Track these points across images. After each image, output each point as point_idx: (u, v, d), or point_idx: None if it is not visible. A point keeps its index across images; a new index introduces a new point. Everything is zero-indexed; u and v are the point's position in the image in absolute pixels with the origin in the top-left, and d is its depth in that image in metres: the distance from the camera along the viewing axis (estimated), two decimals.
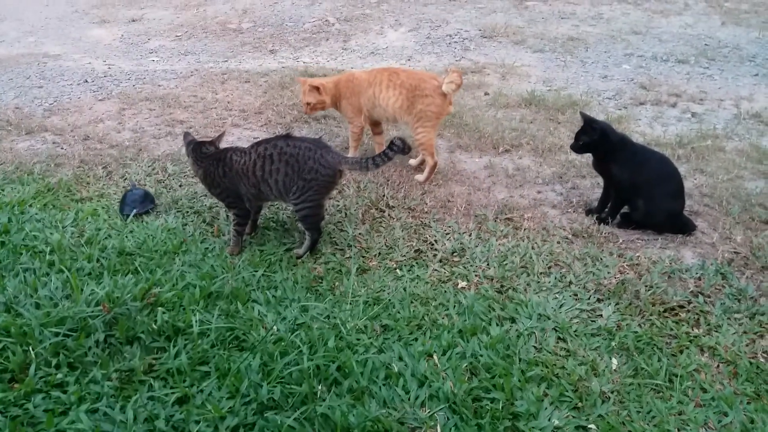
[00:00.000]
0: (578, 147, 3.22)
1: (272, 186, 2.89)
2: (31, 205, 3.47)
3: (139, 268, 2.89)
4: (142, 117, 4.80)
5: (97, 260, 2.97)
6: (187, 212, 3.42)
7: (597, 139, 3.11)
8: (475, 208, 3.40)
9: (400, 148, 2.85)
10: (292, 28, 7.74)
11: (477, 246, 3.04)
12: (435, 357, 2.34)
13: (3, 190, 3.63)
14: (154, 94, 5.29)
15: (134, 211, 3.38)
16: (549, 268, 2.89)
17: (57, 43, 7.49)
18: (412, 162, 3.88)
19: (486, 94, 5.15)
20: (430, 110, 3.56)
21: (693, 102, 4.98)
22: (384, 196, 3.49)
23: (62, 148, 4.26)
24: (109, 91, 5.41)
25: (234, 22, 8.12)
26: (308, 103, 3.78)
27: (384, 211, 3.36)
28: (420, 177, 3.68)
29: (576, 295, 2.70)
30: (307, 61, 6.55)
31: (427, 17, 7.64)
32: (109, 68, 6.25)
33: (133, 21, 8.52)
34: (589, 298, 2.67)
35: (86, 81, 5.71)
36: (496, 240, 3.08)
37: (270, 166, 2.87)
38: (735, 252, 2.99)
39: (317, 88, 3.72)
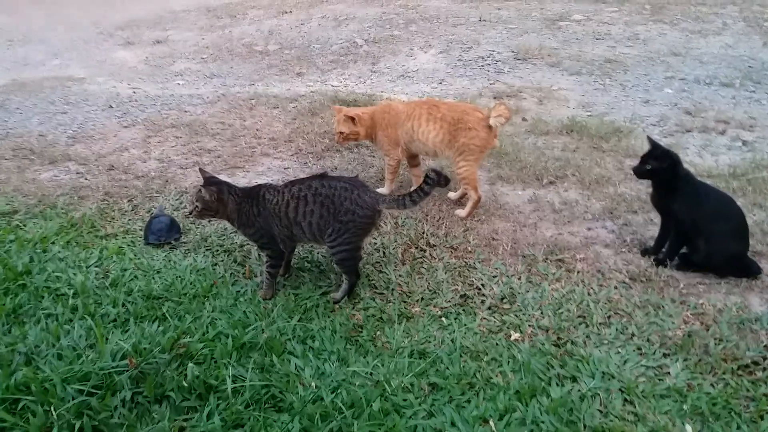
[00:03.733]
0: (643, 171, 2.98)
1: (305, 229, 2.71)
2: (53, 242, 3.33)
3: (167, 314, 2.72)
4: (169, 145, 4.67)
5: (123, 305, 2.80)
6: (217, 251, 3.25)
7: (666, 168, 2.88)
8: (522, 247, 3.18)
9: (436, 180, 2.65)
10: (319, 50, 7.63)
11: (528, 291, 2.82)
12: (491, 423, 2.12)
13: (25, 226, 3.50)
14: (181, 120, 5.16)
15: (160, 240, 3.31)
16: (608, 317, 2.65)
17: (82, 65, 7.47)
18: (452, 195, 3.69)
19: (524, 119, 4.95)
20: (474, 144, 3.38)
21: (742, 129, 4.73)
22: (424, 233, 3.29)
23: (86, 179, 4.14)
24: (135, 117, 5.30)
25: (260, 45, 8.04)
26: (341, 133, 3.62)
27: (425, 251, 3.16)
28: (461, 212, 3.48)
29: (640, 349, 2.46)
30: (335, 84, 6.42)
31: (458, 39, 7.48)
32: (134, 92, 6.16)
33: (158, 42, 8.49)
34: (654, 353, 2.43)
35: (111, 106, 5.62)
36: (549, 284, 2.86)
37: (304, 207, 2.68)
38: None
39: (352, 119, 3.55)
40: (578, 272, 2.96)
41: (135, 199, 3.80)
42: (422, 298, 2.81)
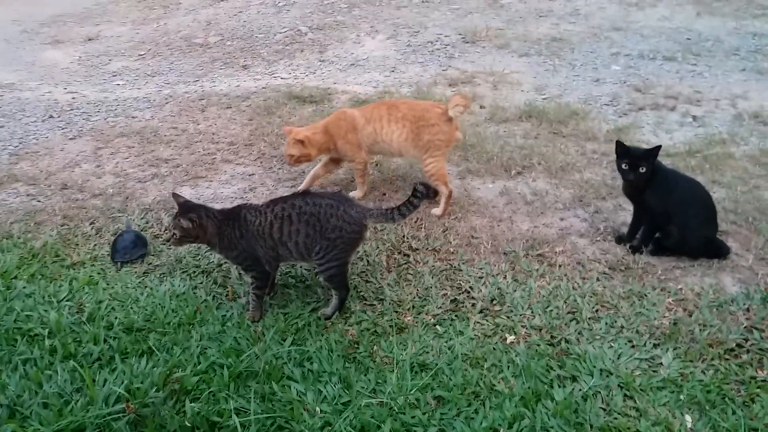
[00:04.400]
0: (640, 178, 2.91)
1: (292, 249, 2.66)
2: (16, 277, 3.14)
3: (153, 347, 2.62)
4: (122, 156, 4.47)
5: (105, 340, 2.69)
6: (194, 272, 3.14)
7: (653, 165, 2.93)
8: (502, 244, 3.22)
9: (424, 194, 2.64)
10: (262, 40, 7.42)
11: (515, 291, 2.86)
12: None
13: None
14: (130, 128, 4.94)
15: (125, 257, 3.26)
16: (596, 311, 2.73)
17: (9, 69, 7.00)
18: (436, 211, 3.55)
19: (482, 107, 4.98)
20: (438, 139, 3.40)
21: (690, 104, 4.91)
22: (405, 237, 3.29)
23: (39, 201, 3.92)
24: (80, 127, 5.04)
25: (200, 36, 7.75)
26: (291, 155, 3.55)
27: (408, 255, 3.16)
28: (437, 210, 3.49)
29: (631, 341, 2.55)
30: (284, 76, 6.26)
31: (404, 22, 7.41)
32: (74, 98, 5.84)
33: (90, 40, 8.06)
34: (644, 344, 2.52)
35: (51, 116, 5.32)
36: (534, 281, 2.91)
37: (289, 227, 2.63)
38: None
39: (302, 141, 3.48)
40: (560, 266, 3.02)
41: (97, 221, 3.62)
42: (413, 306, 2.81)
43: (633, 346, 2.53)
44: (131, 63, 7.08)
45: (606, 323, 2.65)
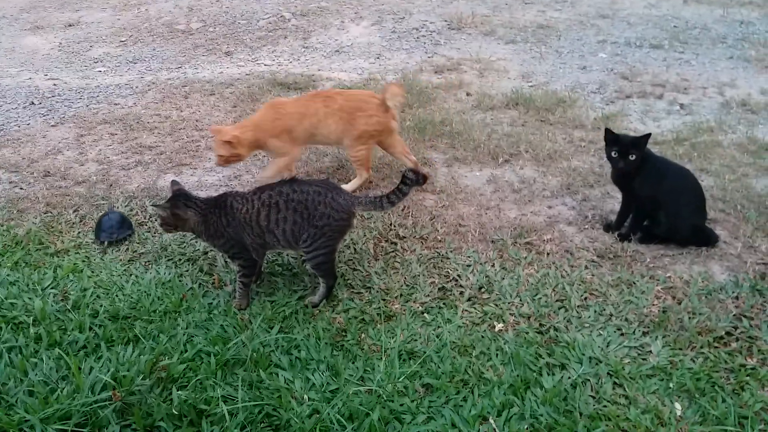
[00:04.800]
0: (630, 165, 2.92)
1: (279, 236, 2.64)
2: (0, 265, 3.09)
3: (139, 335, 2.59)
4: (104, 144, 4.40)
5: (90, 328, 2.65)
6: (180, 260, 3.11)
7: (643, 152, 2.92)
8: (489, 232, 3.21)
9: (414, 180, 2.63)
10: (245, 26, 7.32)
11: (504, 279, 2.86)
12: (491, 421, 2.16)
13: None
14: (113, 115, 4.86)
15: (111, 237, 3.25)
16: (585, 299, 2.73)
17: None
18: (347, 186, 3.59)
19: (468, 94, 4.96)
20: (374, 129, 3.45)
21: (678, 92, 4.92)
22: (392, 224, 3.27)
23: (22, 188, 3.85)
24: (62, 114, 4.95)
25: (182, 22, 7.63)
26: (220, 156, 3.40)
27: (396, 243, 3.14)
28: (348, 185, 3.55)
29: (620, 329, 2.56)
30: (268, 63, 6.19)
31: (388, 8, 7.35)
32: (55, 85, 5.74)
33: (70, 26, 7.89)
34: (633, 332, 2.53)
35: (32, 103, 5.22)
36: (522, 269, 2.91)
37: (276, 215, 2.60)
38: (764, 263, 2.92)
39: (230, 142, 3.31)
40: (548, 254, 3.02)
41: (81, 208, 3.56)
42: (401, 295, 2.80)
43: (622, 334, 2.53)
44: (113, 50, 6.96)
45: (595, 311, 2.65)
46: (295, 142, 3.51)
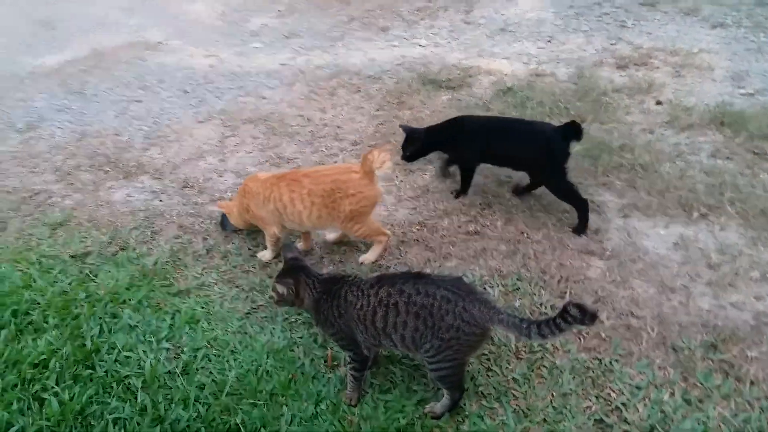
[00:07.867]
0: None
1: (396, 342, 2.20)
2: (124, 302, 3.01)
3: (240, 426, 2.34)
4: (245, 150, 4.21)
5: (193, 404, 2.46)
6: (295, 322, 2.81)
7: None
8: (671, 332, 2.50)
9: (578, 319, 1.92)
10: None
11: (685, 419, 2.18)
12: None
13: (96, 276, 3.19)
14: (258, 112, 4.66)
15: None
16: None
17: (156, 23, 6.98)
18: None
19: (658, 103, 4.03)
20: (362, 206, 2.96)
21: None
22: (542, 305, 2.68)
23: (160, 201, 3.78)
24: (210, 108, 4.85)
25: None
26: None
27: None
28: (368, 256, 3.13)
29: None
30: (423, 43, 5.63)
31: None
32: (211, 66, 5.68)
33: None
34: None
35: (186, 91, 5.18)
36: (713, 407, 2.20)
37: (395, 318, 2.15)
38: None
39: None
40: (752, 383, 2.27)
41: (210, 236, 3.40)
42: (545, 420, 2.25)
43: None
44: (270, 21, 6.80)
45: None
46: (268, 222, 3.15)
